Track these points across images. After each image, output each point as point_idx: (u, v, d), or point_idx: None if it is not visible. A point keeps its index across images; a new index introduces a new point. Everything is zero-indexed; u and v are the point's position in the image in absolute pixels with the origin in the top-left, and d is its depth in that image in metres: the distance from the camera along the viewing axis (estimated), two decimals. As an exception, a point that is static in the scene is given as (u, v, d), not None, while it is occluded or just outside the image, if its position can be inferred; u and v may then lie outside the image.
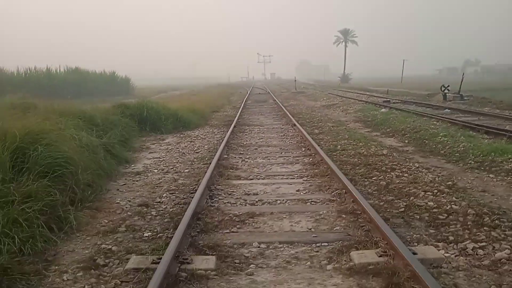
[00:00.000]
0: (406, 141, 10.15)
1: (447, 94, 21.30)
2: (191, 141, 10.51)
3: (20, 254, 3.54)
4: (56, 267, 3.59)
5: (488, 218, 4.41)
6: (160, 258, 3.47)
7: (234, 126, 12.66)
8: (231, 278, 3.42)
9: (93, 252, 3.88)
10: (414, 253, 3.53)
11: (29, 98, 15.10)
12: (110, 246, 3.99)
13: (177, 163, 7.91)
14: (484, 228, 4.17)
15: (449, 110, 16.06)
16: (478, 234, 4.03)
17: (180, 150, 9.31)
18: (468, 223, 4.32)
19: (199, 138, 11.09)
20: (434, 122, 12.52)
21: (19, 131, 5.11)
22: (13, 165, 4.67)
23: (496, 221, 4.36)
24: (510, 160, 7.01)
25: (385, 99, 22.14)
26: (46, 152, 4.99)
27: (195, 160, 8.14)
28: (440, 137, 9.73)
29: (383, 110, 16.56)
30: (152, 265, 3.51)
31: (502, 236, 3.99)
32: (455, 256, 3.65)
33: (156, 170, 7.33)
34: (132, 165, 7.75)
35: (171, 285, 3.23)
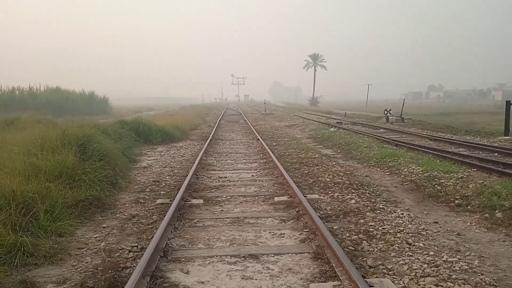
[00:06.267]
0: (338, 151, 13.75)
1: (389, 116, 25.33)
2: (177, 150, 13.80)
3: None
4: (119, 202, 6.84)
5: (355, 186, 7.91)
6: (174, 198, 6.75)
7: (210, 140, 16.00)
8: (211, 207, 6.73)
9: (136, 198, 7.14)
10: (305, 196, 6.94)
11: (38, 116, 18.10)
12: (144, 196, 7.28)
13: (170, 162, 11.19)
14: (349, 189, 7.65)
15: (384, 130, 19.93)
16: (344, 191, 7.50)
17: (171, 155, 12.59)
18: (342, 187, 7.80)
19: (183, 147, 14.39)
20: (365, 138, 16.20)
21: (81, 134, 8.33)
22: (80, 154, 7.86)
23: (359, 187, 7.86)
24: (394, 160, 10.61)
25: (338, 121, 25.98)
26: (98, 147, 8.22)
27: (183, 160, 11.44)
28: (362, 148, 13.35)
29: (332, 129, 20.29)
30: (169, 202, 6.77)
31: (356, 192, 7.46)
32: (326, 198, 7.09)
33: (157, 166, 10.59)
34: (139, 163, 10.97)
35: (180, 208, 6.49)
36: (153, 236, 4.93)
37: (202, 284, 3.95)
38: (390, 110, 25.72)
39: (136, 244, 4.93)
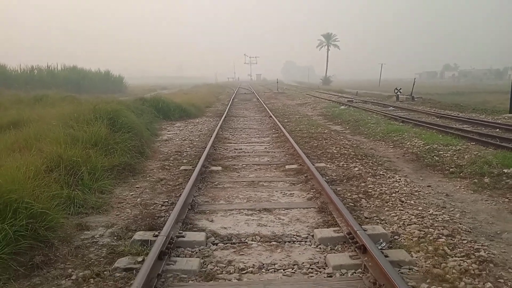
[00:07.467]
0: (347, 127, 14.43)
1: (399, 95, 25.75)
2: (194, 125, 14.63)
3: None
4: (147, 168, 7.70)
5: (360, 156, 8.64)
6: (196, 166, 7.57)
7: (225, 117, 16.78)
8: (229, 172, 7.55)
9: (161, 165, 8.00)
10: (313, 164, 7.70)
11: (62, 93, 19.01)
12: (168, 163, 8.14)
13: (189, 136, 12.02)
14: (354, 159, 8.39)
15: (393, 108, 20.47)
16: (349, 161, 8.25)
17: (189, 130, 13.43)
18: (348, 158, 8.54)
19: (200, 123, 15.22)
20: (374, 115, 16.82)
21: (110, 109, 9.17)
22: (110, 126, 8.71)
23: (364, 157, 8.59)
24: (399, 135, 11.27)
25: (349, 99, 26.50)
26: (125, 120, 9.07)
27: (201, 134, 12.27)
28: (370, 124, 14.00)
29: (342, 107, 20.89)
30: (192, 168, 7.60)
31: (360, 161, 8.19)
32: (332, 166, 7.85)
33: (177, 139, 11.43)
34: (160, 137, 11.83)
35: (202, 173, 7.31)
36: (181, 194, 5.76)
37: (225, 229, 4.78)
38: (401, 89, 26.12)
39: (167, 200, 5.78)
